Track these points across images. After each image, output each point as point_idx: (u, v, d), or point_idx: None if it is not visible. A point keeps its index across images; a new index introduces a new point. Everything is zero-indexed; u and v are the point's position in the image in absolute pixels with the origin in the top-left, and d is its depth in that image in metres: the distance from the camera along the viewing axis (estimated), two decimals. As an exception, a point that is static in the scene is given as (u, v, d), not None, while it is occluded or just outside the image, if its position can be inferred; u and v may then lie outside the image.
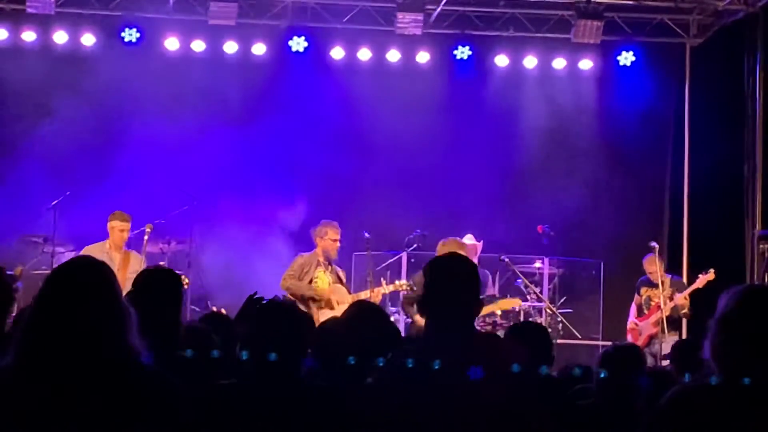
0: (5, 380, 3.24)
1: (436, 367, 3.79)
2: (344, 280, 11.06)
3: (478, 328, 5.20)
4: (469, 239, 11.82)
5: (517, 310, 11.43)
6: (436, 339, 3.94)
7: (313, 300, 10.56)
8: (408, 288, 10.87)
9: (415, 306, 9.33)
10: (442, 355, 3.81)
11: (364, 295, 10.71)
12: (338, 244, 10.87)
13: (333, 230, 10.87)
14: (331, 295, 10.67)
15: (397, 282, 11.10)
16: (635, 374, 5.42)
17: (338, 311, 10.22)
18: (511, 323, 11.54)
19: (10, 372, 3.25)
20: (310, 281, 10.71)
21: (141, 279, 4.46)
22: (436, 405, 3.80)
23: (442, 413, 3.79)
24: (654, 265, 11.43)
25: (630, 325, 11.70)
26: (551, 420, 4.01)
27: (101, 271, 3.38)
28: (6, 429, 3.18)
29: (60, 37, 13.06)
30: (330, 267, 10.84)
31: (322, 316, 9.76)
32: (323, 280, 10.78)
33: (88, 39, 13.10)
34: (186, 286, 6.33)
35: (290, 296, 10.30)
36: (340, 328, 4.94)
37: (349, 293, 10.89)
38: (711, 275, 11.28)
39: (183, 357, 4.32)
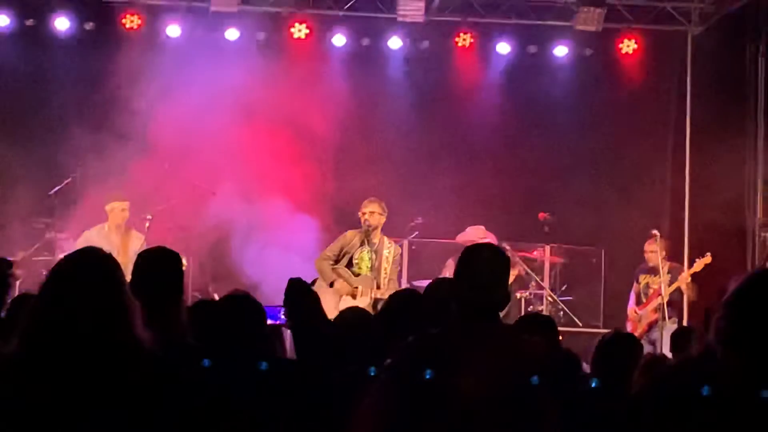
0: (8, 368, 3.26)
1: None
2: (391, 261, 10.80)
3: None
4: (480, 231, 11.76)
5: None
6: (463, 331, 3.94)
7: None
8: None
9: None
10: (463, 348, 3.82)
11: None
12: (365, 216, 10.73)
13: (362, 204, 10.85)
14: (358, 284, 10.58)
15: None
16: (631, 365, 5.44)
17: (360, 302, 10.11)
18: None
19: (13, 361, 3.27)
20: (350, 260, 10.64)
21: (139, 262, 4.47)
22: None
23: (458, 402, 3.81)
24: (653, 246, 11.44)
25: (629, 313, 11.71)
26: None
27: (105, 262, 3.41)
28: (9, 417, 3.20)
29: (61, 23, 13.03)
30: (375, 247, 10.70)
31: (343, 303, 9.80)
32: (365, 262, 10.68)
33: (89, 25, 13.08)
34: (184, 267, 6.28)
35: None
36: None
37: (394, 277, 10.77)
38: (708, 258, 11.32)
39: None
